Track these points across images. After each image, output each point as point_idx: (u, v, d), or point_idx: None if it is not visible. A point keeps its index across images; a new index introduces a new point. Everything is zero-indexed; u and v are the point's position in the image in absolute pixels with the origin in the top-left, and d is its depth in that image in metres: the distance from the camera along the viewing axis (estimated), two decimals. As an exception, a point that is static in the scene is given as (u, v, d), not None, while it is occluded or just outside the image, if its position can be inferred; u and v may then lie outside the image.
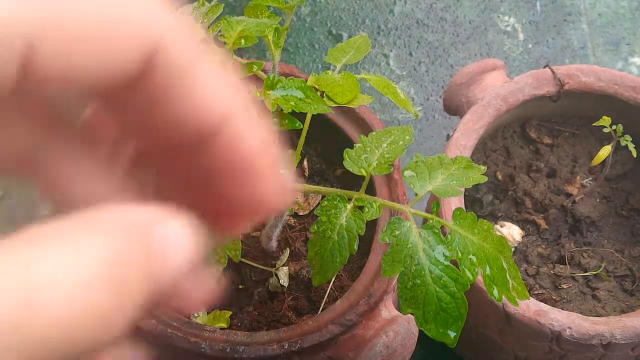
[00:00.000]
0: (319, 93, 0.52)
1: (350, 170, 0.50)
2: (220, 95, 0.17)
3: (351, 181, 0.68)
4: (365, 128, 0.66)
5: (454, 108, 0.77)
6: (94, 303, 0.15)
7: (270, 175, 0.19)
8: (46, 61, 0.15)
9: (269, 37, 0.55)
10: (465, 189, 0.60)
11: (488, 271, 0.45)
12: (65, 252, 0.15)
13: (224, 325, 0.61)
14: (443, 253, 0.44)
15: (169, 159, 0.20)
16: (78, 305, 0.14)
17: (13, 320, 0.14)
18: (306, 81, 0.52)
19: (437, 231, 0.45)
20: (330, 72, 0.56)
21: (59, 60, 0.15)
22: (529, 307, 0.61)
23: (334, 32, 1.08)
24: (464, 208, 0.65)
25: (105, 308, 0.15)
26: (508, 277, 0.46)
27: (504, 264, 0.46)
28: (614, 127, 0.68)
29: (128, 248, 0.16)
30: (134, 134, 0.19)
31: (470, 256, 0.45)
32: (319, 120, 0.62)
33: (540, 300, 0.64)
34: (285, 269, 0.63)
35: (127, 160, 0.20)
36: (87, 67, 0.15)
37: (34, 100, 0.17)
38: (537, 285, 0.69)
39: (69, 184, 0.20)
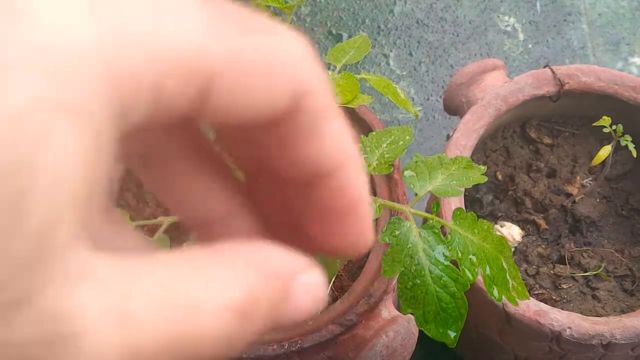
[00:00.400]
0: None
1: (350, 170, 0.50)
2: (342, 141, 0.19)
3: (351, 181, 0.68)
4: (365, 128, 0.66)
5: (454, 108, 0.77)
6: (229, 331, 0.17)
7: (365, 222, 0.21)
8: (220, 96, 0.16)
9: (269, 37, 0.55)
10: (465, 189, 0.60)
11: (488, 271, 0.45)
12: (220, 279, 0.17)
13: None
14: (443, 253, 0.44)
15: (274, 195, 0.22)
16: (219, 331, 0.16)
17: (174, 338, 0.16)
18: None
19: (437, 231, 0.45)
20: (330, 72, 0.56)
21: (228, 98, 0.16)
22: (529, 307, 0.61)
23: (334, 32, 1.08)
24: (464, 208, 0.65)
25: (235, 337, 0.17)
26: (508, 277, 0.46)
27: (504, 264, 0.46)
28: (614, 127, 0.68)
29: (271, 289, 0.18)
30: (254, 168, 0.21)
31: (470, 256, 0.45)
32: (319, 120, 0.62)
33: (540, 300, 0.64)
34: (285, 269, 0.63)
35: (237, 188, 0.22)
36: (251, 104, 0.17)
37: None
38: (537, 285, 0.69)
39: (181, 191, 0.21)
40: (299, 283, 0.18)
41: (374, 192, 0.64)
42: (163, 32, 0.15)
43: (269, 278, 0.17)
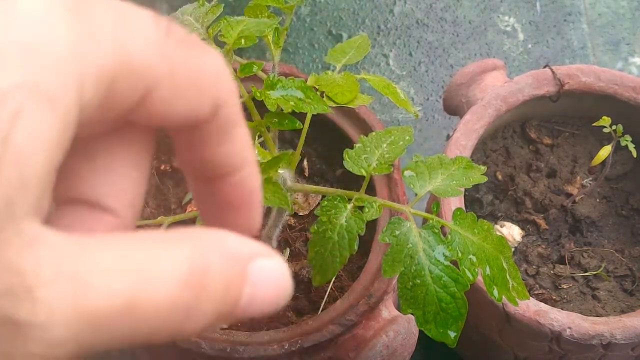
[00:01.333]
0: (318, 93, 0.52)
1: (350, 170, 0.50)
2: (246, 145, 0.23)
3: (351, 181, 0.68)
4: (365, 128, 0.66)
5: (454, 108, 0.77)
6: (184, 302, 0.18)
7: (258, 209, 0.25)
8: (158, 101, 0.20)
9: (269, 37, 0.55)
10: (465, 189, 0.60)
11: (488, 271, 0.45)
12: (173, 255, 0.18)
13: (223, 325, 0.61)
14: (443, 253, 0.44)
15: (194, 184, 0.25)
16: (172, 300, 0.18)
17: (128, 301, 0.17)
18: (306, 81, 0.52)
19: (437, 231, 0.45)
20: (330, 72, 0.56)
21: (164, 103, 0.20)
22: (529, 307, 0.61)
23: (333, 32, 1.08)
24: (464, 208, 0.65)
25: (190, 309, 0.18)
26: (508, 277, 0.46)
27: (504, 264, 0.46)
28: (614, 127, 0.68)
29: (225, 267, 0.19)
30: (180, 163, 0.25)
31: (470, 256, 0.45)
32: (319, 120, 0.62)
33: (540, 300, 0.64)
34: (285, 269, 0.63)
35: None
36: (181, 110, 0.21)
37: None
38: (537, 285, 0.69)
39: (98, 175, 0.23)
40: (257, 266, 0.20)
41: (374, 192, 0.64)
42: (125, 42, 0.19)
43: (223, 257, 0.19)
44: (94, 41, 0.18)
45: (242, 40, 0.50)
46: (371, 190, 0.64)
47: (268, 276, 0.20)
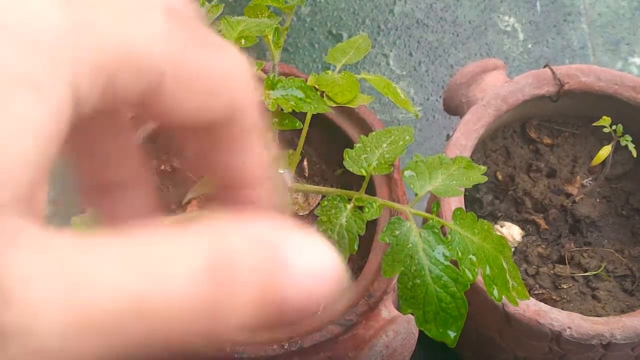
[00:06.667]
0: (319, 93, 0.52)
1: (350, 170, 0.50)
2: (261, 161, 0.21)
3: (351, 181, 0.68)
4: (365, 128, 0.66)
5: (454, 108, 0.77)
6: (204, 297, 0.15)
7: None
8: (165, 97, 0.18)
9: (269, 37, 0.55)
10: (465, 189, 0.60)
11: (488, 271, 0.45)
12: (185, 251, 0.16)
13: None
14: (443, 253, 0.44)
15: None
16: (190, 295, 0.15)
17: (135, 301, 0.15)
18: (306, 81, 0.52)
19: (437, 231, 0.45)
20: (330, 72, 0.56)
21: (170, 101, 0.18)
22: (529, 307, 0.61)
23: (334, 32, 1.08)
24: (464, 208, 0.64)
25: (213, 301, 0.16)
26: (508, 277, 0.46)
27: (504, 264, 0.46)
28: (614, 127, 0.68)
29: (255, 249, 0.16)
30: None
31: (470, 256, 0.45)
32: (319, 120, 0.62)
33: (540, 300, 0.64)
34: (285, 269, 0.63)
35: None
36: (191, 108, 0.18)
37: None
38: (537, 285, 0.69)
39: (105, 166, 0.22)
40: (285, 253, 0.17)
41: (374, 192, 0.64)
42: (126, 34, 0.17)
43: (250, 242, 0.16)
44: (91, 32, 0.16)
45: (242, 40, 0.50)
46: (371, 190, 0.64)
47: (312, 259, 0.17)
